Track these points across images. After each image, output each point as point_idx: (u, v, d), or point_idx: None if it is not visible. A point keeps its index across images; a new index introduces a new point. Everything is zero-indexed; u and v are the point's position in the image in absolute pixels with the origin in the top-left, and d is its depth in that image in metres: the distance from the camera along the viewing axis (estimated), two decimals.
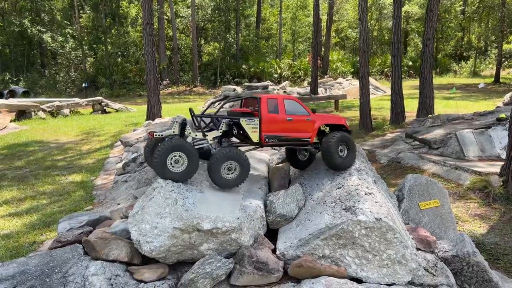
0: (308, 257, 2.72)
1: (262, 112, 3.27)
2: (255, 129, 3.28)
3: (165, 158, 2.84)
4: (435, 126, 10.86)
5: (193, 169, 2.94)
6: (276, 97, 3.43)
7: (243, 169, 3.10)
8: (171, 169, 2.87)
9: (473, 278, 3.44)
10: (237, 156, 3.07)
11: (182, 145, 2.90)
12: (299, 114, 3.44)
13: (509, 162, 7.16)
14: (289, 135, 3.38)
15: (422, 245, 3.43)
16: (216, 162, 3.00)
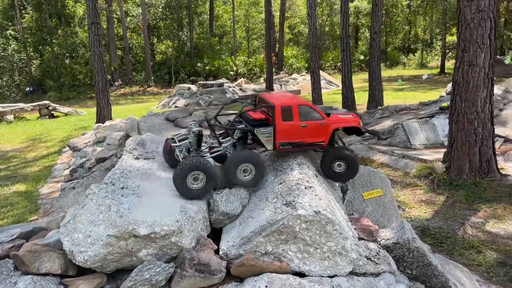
0: (249, 256, 2.70)
1: (276, 121, 3.32)
2: (269, 138, 3.35)
3: (185, 176, 3.00)
4: (383, 117, 11.23)
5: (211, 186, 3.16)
6: (290, 103, 3.40)
7: (258, 170, 3.22)
8: (190, 187, 3.04)
9: (414, 263, 3.56)
10: (252, 158, 3.19)
11: (201, 164, 3.07)
12: (313, 120, 3.44)
13: (450, 149, 7.51)
14: (303, 140, 3.43)
15: (365, 234, 3.51)
16: (231, 165, 3.14)
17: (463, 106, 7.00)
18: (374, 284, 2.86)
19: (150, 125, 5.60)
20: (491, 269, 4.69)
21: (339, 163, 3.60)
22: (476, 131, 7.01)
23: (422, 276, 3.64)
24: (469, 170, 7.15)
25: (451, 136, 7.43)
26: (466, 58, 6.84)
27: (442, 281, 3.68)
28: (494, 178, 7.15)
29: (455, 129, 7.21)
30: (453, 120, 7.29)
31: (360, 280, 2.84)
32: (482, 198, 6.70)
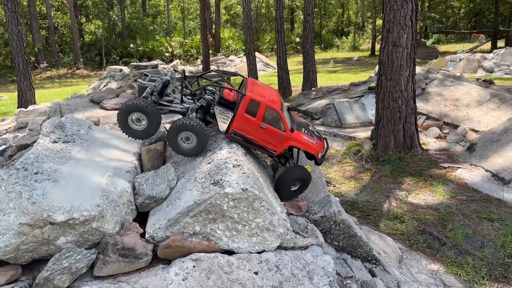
0: (176, 237, 2.65)
1: (238, 110, 3.26)
2: (225, 121, 3.31)
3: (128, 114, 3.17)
4: (317, 98, 11.53)
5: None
6: (260, 100, 3.29)
7: (200, 140, 3.19)
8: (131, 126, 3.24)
9: (341, 235, 3.72)
10: (193, 128, 3.15)
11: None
12: (274, 127, 3.36)
13: (377, 127, 7.91)
14: (256, 140, 3.41)
15: (294, 210, 3.60)
16: (174, 131, 3.17)
17: (388, 85, 7.36)
18: (301, 256, 2.93)
19: (73, 108, 5.26)
20: (412, 237, 5.03)
21: (295, 182, 3.60)
22: (400, 109, 7.42)
23: (348, 247, 3.82)
24: (394, 146, 7.58)
25: (377, 114, 7.82)
26: (391, 38, 7.16)
27: (367, 250, 3.88)
28: (416, 153, 7.65)
29: (381, 107, 7.58)
30: (379, 98, 7.65)
31: (287, 254, 2.90)
32: (405, 172, 7.14)
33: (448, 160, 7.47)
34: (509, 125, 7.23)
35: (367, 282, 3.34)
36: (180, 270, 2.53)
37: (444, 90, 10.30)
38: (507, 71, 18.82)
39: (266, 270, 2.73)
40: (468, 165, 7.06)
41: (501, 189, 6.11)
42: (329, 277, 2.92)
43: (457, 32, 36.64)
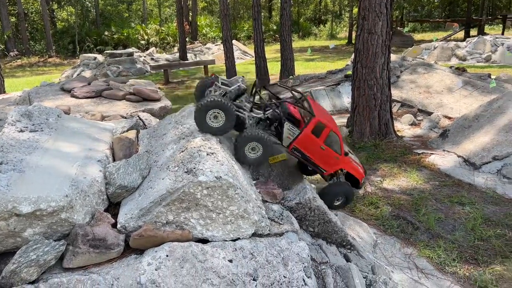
0: (148, 226, 2.61)
1: (305, 130, 3.51)
2: (290, 137, 3.54)
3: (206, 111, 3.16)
4: (294, 86, 11.52)
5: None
6: (327, 124, 3.55)
7: (266, 151, 3.37)
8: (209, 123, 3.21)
9: (316, 221, 3.75)
10: (262, 139, 3.30)
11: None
12: (332, 149, 3.66)
13: (353, 114, 7.97)
14: (313, 158, 3.67)
15: (269, 197, 3.59)
16: (242, 141, 3.29)
17: (363, 73, 7.41)
18: (276, 243, 2.94)
19: (43, 96, 5.09)
20: (387, 222, 5.12)
21: (339, 197, 3.93)
22: (375, 96, 7.49)
23: (323, 233, 3.86)
24: (369, 133, 7.67)
25: (353, 101, 7.88)
26: (366, 26, 7.19)
27: (342, 236, 3.93)
28: (391, 140, 7.77)
29: (357, 94, 7.64)
30: (355, 86, 7.71)
31: (262, 241, 2.90)
32: (381, 158, 7.25)
33: (422, 147, 7.62)
34: (480, 112, 7.41)
35: (342, 267, 3.38)
36: (153, 259, 2.49)
37: (418, 78, 10.46)
38: (479, 59, 19.27)
39: (240, 257, 2.73)
40: (441, 151, 7.22)
41: (472, 174, 6.28)
42: (303, 263, 2.94)
43: (431, 21, 37.22)
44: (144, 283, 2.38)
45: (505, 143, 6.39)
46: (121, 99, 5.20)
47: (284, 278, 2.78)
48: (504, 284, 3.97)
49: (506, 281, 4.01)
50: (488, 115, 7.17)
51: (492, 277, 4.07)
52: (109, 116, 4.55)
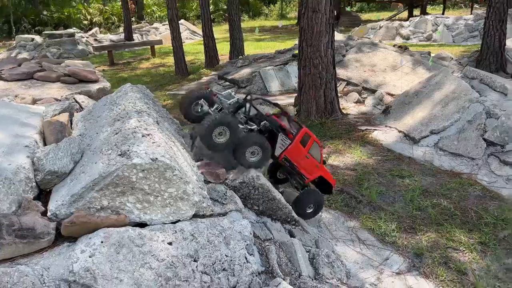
0: (81, 212, 2.49)
1: (295, 140, 3.74)
2: (282, 147, 3.77)
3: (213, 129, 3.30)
4: (243, 66, 11.45)
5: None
6: (311, 134, 3.89)
7: (265, 154, 3.59)
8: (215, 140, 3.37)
9: (260, 199, 3.76)
10: (263, 143, 3.55)
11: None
12: (314, 158, 3.95)
13: (300, 93, 8.05)
14: (299, 167, 3.92)
15: (212, 177, 3.55)
16: (243, 146, 3.49)
17: (308, 52, 7.46)
18: (218, 223, 2.92)
19: None
20: (331, 197, 5.25)
21: (311, 205, 4.12)
22: (320, 75, 7.59)
23: (268, 210, 3.89)
24: (316, 111, 7.80)
25: (300, 80, 7.95)
26: (310, 4, 7.21)
27: (286, 212, 3.98)
28: (337, 118, 7.95)
29: (303, 73, 7.71)
30: (301, 65, 7.76)
31: (204, 222, 2.87)
32: (327, 136, 7.40)
33: (366, 123, 7.86)
34: (419, 88, 7.73)
35: (285, 243, 3.44)
36: (86, 247, 2.39)
37: (363, 57, 10.73)
38: (421, 38, 20.05)
39: (181, 239, 2.69)
40: (383, 127, 7.49)
41: (411, 148, 6.57)
42: (246, 241, 2.96)
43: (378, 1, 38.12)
44: (77, 271, 2.28)
45: (441, 117, 6.73)
46: (55, 81, 4.90)
47: (226, 257, 2.78)
48: (438, 250, 4.22)
49: (440, 247, 4.27)
50: (426, 91, 7.50)
51: (428, 244, 4.32)
52: (42, 99, 4.29)
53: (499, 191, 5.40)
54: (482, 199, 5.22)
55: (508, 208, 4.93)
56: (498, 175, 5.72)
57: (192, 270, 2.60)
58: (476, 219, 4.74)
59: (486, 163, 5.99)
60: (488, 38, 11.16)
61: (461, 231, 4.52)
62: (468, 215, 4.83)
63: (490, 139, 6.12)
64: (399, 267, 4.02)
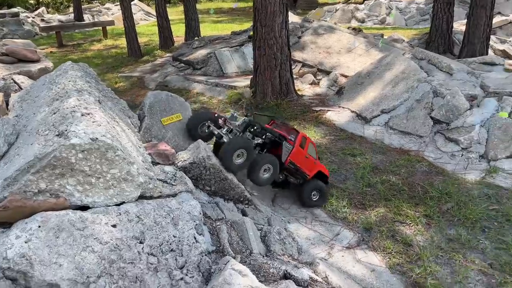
0: (15, 196, 2.35)
1: (296, 144, 4.28)
2: (286, 153, 4.25)
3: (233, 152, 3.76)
4: (199, 47, 11.22)
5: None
6: (307, 137, 4.52)
7: (275, 171, 4.11)
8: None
9: (212, 180, 3.73)
10: (273, 162, 4.06)
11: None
12: (312, 157, 4.48)
13: (255, 74, 8.01)
14: (301, 167, 4.41)
15: (161, 159, 3.47)
16: (257, 164, 3.96)
17: (263, 32, 7.40)
18: (166, 204, 2.86)
19: None
20: None
21: (315, 192, 4.64)
22: (275, 56, 7.57)
23: (220, 191, 3.87)
24: (271, 93, 7.79)
25: (255, 61, 7.89)
26: None
27: (239, 192, 3.98)
28: (292, 99, 7.98)
29: (258, 54, 7.65)
30: (256, 46, 7.69)
31: (150, 203, 2.80)
32: (282, 117, 7.43)
33: (320, 104, 7.95)
34: (371, 69, 7.89)
35: (237, 222, 3.43)
36: (22, 232, 2.26)
37: (318, 38, 10.80)
38: (376, 21, 20.46)
39: (126, 221, 2.61)
40: (337, 107, 7.61)
41: (363, 127, 6.73)
42: (195, 221, 2.92)
43: None
44: (12, 258, 2.15)
45: (391, 97, 6.92)
46: None
47: (174, 237, 2.73)
48: (386, 224, 4.37)
49: (388, 221, 4.42)
50: (378, 72, 7.68)
51: (377, 219, 4.47)
52: None
53: (444, 167, 5.66)
54: (428, 175, 5.45)
55: (452, 182, 5.18)
56: (444, 151, 5.99)
57: (138, 252, 2.54)
58: (422, 194, 4.94)
59: (432, 140, 6.24)
60: (437, 21, 11.55)
61: (408, 205, 4.71)
62: (415, 190, 5.03)
63: (437, 117, 6.37)
64: (349, 241, 4.13)
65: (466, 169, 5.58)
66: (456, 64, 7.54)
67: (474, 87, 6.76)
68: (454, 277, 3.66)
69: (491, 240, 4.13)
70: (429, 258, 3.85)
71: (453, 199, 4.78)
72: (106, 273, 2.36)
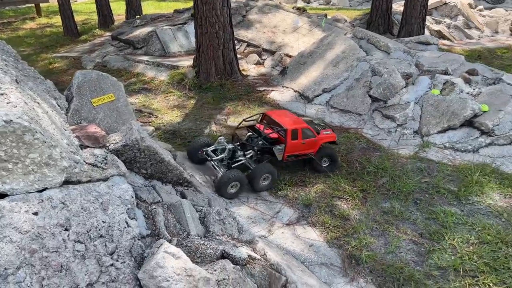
0: None
1: (287, 141, 4.67)
2: (281, 153, 4.72)
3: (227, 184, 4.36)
4: (140, 26, 10.77)
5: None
6: (297, 127, 4.73)
7: (273, 178, 4.61)
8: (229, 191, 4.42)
9: (148, 162, 3.61)
10: (272, 171, 4.58)
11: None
12: (310, 138, 4.81)
13: (198, 53, 7.82)
14: (302, 152, 4.83)
15: (91, 141, 3.30)
16: (257, 175, 4.51)
17: (204, 10, 7.22)
18: (94, 188, 2.73)
19: None
20: None
21: (325, 159, 5.01)
22: (218, 35, 7.42)
23: (157, 173, 3.76)
24: (215, 73, 7.67)
25: (197, 40, 7.70)
26: None
27: (177, 174, 3.89)
28: (236, 79, 7.91)
29: (200, 32, 7.47)
30: (197, 24, 7.49)
31: (77, 188, 2.65)
32: (226, 97, 7.36)
33: (264, 84, 7.95)
34: (313, 49, 7.97)
35: (174, 204, 3.36)
36: None
37: (263, 18, 10.72)
38: (321, 1, 20.66)
39: (49, 208, 2.46)
40: (281, 87, 7.64)
41: (305, 107, 6.82)
42: (126, 205, 2.81)
43: None
44: None
45: (332, 76, 7.04)
46: None
47: (103, 223, 2.62)
48: (325, 199, 4.49)
49: (326, 197, 4.54)
50: (319, 51, 7.76)
51: (316, 195, 4.57)
52: None
53: (380, 143, 5.88)
54: (366, 151, 5.64)
55: (387, 157, 5.39)
56: (381, 128, 6.21)
57: (63, 240, 2.41)
58: (360, 169, 5.11)
59: (371, 118, 6.46)
60: (377, 2, 11.83)
61: (346, 181, 4.85)
62: (353, 166, 5.19)
63: (375, 95, 6.58)
64: (289, 218, 4.20)
65: (399, 144, 5.83)
66: (394, 43, 7.79)
67: (409, 65, 7.03)
68: (388, 247, 3.84)
69: (422, 211, 4.36)
70: (364, 231, 4.01)
71: (388, 174, 4.99)
72: (26, 263, 2.23)
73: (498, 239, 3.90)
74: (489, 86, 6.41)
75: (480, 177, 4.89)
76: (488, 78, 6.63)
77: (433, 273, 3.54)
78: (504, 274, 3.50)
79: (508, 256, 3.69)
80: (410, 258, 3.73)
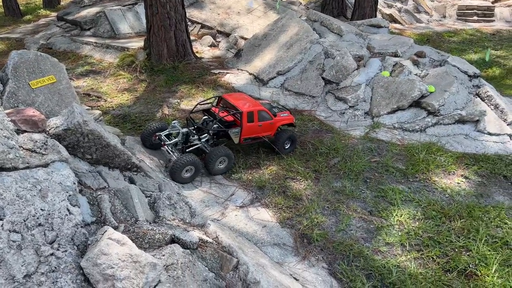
0: None
1: (243, 124, 4.65)
2: (237, 136, 4.72)
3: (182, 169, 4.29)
4: (87, 6, 10.24)
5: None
6: (253, 109, 4.72)
7: (230, 161, 4.59)
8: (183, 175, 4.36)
9: (92, 147, 3.45)
10: (228, 154, 4.54)
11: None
12: (266, 120, 4.82)
13: (149, 35, 7.56)
14: (259, 135, 4.85)
15: (29, 126, 3.10)
16: (212, 158, 4.45)
17: None
18: (31, 175, 2.57)
19: None
20: None
21: (287, 141, 5.04)
22: (169, 15, 7.19)
23: (104, 158, 3.61)
24: (167, 54, 7.46)
25: (148, 21, 7.43)
26: None
27: (125, 159, 3.76)
28: (190, 61, 7.73)
29: (150, 13, 7.21)
30: (147, 4, 7.22)
31: (11, 175, 2.49)
32: (180, 80, 7.19)
33: (219, 67, 7.82)
34: (268, 31, 7.92)
35: (121, 190, 3.25)
36: None
37: None
38: None
39: None
40: (235, 70, 7.55)
41: (259, 89, 6.79)
42: (67, 192, 2.68)
43: None
44: None
45: (286, 58, 7.04)
46: None
47: (41, 211, 2.48)
48: (278, 181, 4.51)
49: (280, 178, 4.57)
50: (274, 34, 7.72)
51: (270, 177, 4.58)
52: None
53: (333, 124, 5.97)
54: (319, 133, 5.71)
55: (339, 138, 5.49)
56: (334, 110, 6.31)
57: None
58: (313, 151, 5.18)
59: (324, 100, 6.53)
60: None
61: (299, 162, 4.90)
62: (306, 148, 5.25)
63: (328, 77, 6.65)
64: (243, 200, 4.19)
65: (349, 125, 5.95)
66: (346, 26, 7.88)
67: (361, 48, 7.15)
68: (338, 225, 3.93)
69: (371, 190, 4.49)
70: (316, 210, 4.08)
71: (340, 154, 5.09)
72: None
73: (441, 214, 4.10)
74: (435, 68, 6.64)
75: (426, 156, 5.09)
76: (435, 60, 6.88)
77: (381, 249, 3.67)
78: (446, 247, 3.68)
79: (451, 229, 3.89)
80: (360, 235, 3.84)
